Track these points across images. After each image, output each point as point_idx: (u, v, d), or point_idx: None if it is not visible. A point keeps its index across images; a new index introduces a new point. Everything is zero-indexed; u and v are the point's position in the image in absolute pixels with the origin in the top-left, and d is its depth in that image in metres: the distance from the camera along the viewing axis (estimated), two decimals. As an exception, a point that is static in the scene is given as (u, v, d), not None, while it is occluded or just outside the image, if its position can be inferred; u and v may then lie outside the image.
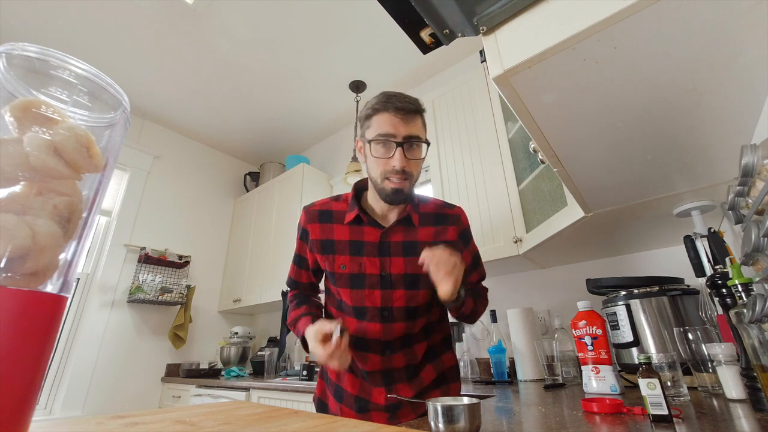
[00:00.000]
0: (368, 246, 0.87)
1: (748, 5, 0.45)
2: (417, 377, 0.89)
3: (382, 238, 0.87)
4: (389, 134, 0.81)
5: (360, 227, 0.89)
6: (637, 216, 1.13)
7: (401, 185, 0.82)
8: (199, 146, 3.38)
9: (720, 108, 0.65)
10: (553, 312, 1.67)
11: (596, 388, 0.97)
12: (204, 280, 3.08)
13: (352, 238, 0.88)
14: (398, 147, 0.80)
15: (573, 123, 0.66)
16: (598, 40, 0.47)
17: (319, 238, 0.90)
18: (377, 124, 0.82)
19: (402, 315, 0.87)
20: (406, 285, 0.87)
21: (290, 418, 0.43)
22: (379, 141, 0.81)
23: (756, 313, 0.55)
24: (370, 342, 0.86)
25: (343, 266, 0.87)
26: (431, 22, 0.56)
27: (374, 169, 0.84)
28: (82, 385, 2.33)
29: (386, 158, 0.81)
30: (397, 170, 0.80)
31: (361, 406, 0.87)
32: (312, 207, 0.94)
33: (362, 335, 0.86)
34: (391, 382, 0.87)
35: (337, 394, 0.92)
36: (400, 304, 0.86)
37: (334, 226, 0.90)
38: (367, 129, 0.85)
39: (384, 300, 0.86)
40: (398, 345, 0.88)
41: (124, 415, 0.44)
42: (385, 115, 0.82)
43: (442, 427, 0.54)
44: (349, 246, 0.88)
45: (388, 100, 0.83)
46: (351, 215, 0.89)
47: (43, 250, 0.29)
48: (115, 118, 0.36)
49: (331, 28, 2.24)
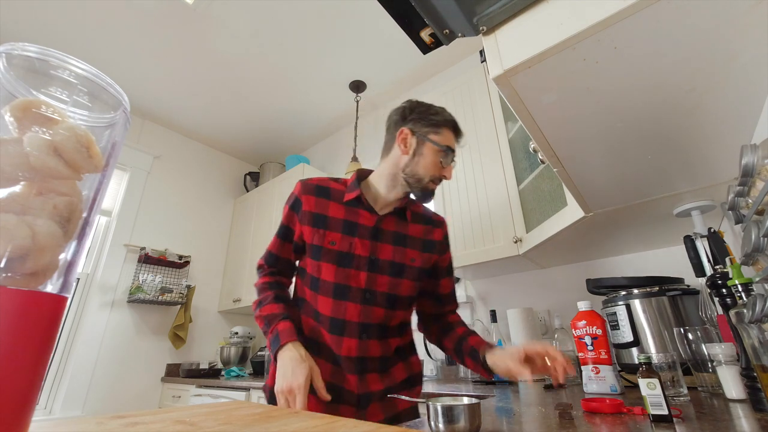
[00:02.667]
0: (361, 228, 0.91)
1: (748, 5, 0.45)
2: (388, 372, 0.90)
3: (376, 224, 0.92)
4: (454, 150, 0.94)
5: (356, 209, 0.93)
6: (637, 216, 1.13)
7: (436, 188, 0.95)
8: (199, 146, 3.38)
9: (720, 108, 0.65)
10: (553, 312, 1.67)
11: (596, 388, 0.97)
12: (204, 280, 3.08)
13: (347, 217, 0.92)
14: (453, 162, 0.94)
15: (573, 123, 0.66)
16: (598, 40, 0.47)
17: (313, 210, 0.92)
18: (447, 137, 0.93)
19: (384, 301, 0.90)
20: (392, 272, 0.91)
21: (290, 418, 0.43)
22: (445, 152, 0.92)
23: (756, 313, 0.55)
24: (348, 324, 0.86)
25: (332, 242, 0.89)
26: (431, 22, 0.56)
27: (426, 169, 0.91)
28: (82, 385, 2.33)
29: (444, 167, 0.92)
30: (445, 179, 0.94)
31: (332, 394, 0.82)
32: (309, 181, 0.96)
33: (341, 317, 0.86)
34: (364, 370, 0.86)
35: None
36: (384, 289, 0.90)
37: (330, 202, 0.93)
38: (434, 133, 0.92)
39: (368, 282, 0.88)
40: (375, 332, 0.89)
41: (124, 415, 0.44)
42: (452, 134, 0.95)
43: (442, 427, 0.54)
44: (342, 224, 0.91)
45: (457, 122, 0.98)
46: (351, 195, 0.93)
47: (43, 250, 0.29)
48: (115, 118, 0.36)
49: (331, 28, 2.24)
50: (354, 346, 0.86)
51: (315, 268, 0.90)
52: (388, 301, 0.90)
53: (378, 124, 2.87)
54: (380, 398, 0.87)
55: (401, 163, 0.92)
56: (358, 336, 0.86)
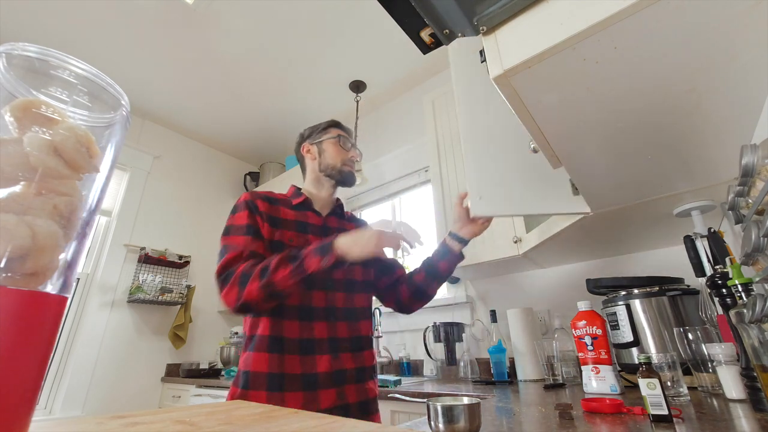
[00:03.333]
0: (312, 227, 1.04)
1: (748, 5, 0.45)
2: (360, 352, 0.98)
3: (323, 222, 1.07)
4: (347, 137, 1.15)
5: (304, 212, 1.06)
6: (637, 216, 1.13)
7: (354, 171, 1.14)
8: (199, 146, 3.38)
9: (720, 108, 0.65)
10: (553, 312, 1.67)
11: (596, 388, 0.97)
12: (204, 280, 3.07)
13: (297, 219, 1.03)
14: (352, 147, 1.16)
15: (573, 123, 0.66)
16: (598, 40, 0.47)
17: (269, 212, 0.99)
18: (336, 131, 1.15)
19: (342, 286, 0.99)
20: None
21: (290, 418, 0.43)
22: (338, 138, 1.13)
23: (756, 313, 0.55)
24: (315, 310, 0.94)
25: (291, 239, 0.98)
26: (431, 22, 0.56)
27: (334, 158, 1.11)
28: (82, 385, 2.33)
29: (347, 150, 1.13)
30: (354, 160, 1.14)
31: (309, 381, 0.87)
32: (254, 191, 1.07)
33: (308, 303, 0.93)
34: (337, 349, 0.93)
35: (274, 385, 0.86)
36: (340, 276, 1.00)
37: (279, 207, 1.02)
38: (324, 134, 1.14)
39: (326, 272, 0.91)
40: (341, 314, 0.97)
41: (124, 415, 0.44)
42: (340, 129, 1.17)
43: (442, 427, 0.54)
44: (295, 224, 1.01)
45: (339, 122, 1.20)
46: (298, 200, 1.06)
47: (43, 250, 0.29)
48: (115, 118, 0.36)
49: (331, 28, 2.24)
50: (324, 328, 0.93)
51: None
52: (346, 286, 1.00)
53: (378, 124, 2.87)
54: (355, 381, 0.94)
55: (316, 167, 1.12)
56: (326, 319, 0.94)
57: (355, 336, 0.98)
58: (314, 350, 0.90)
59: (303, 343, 0.90)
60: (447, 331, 1.81)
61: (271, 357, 0.87)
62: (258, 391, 0.86)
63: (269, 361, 0.87)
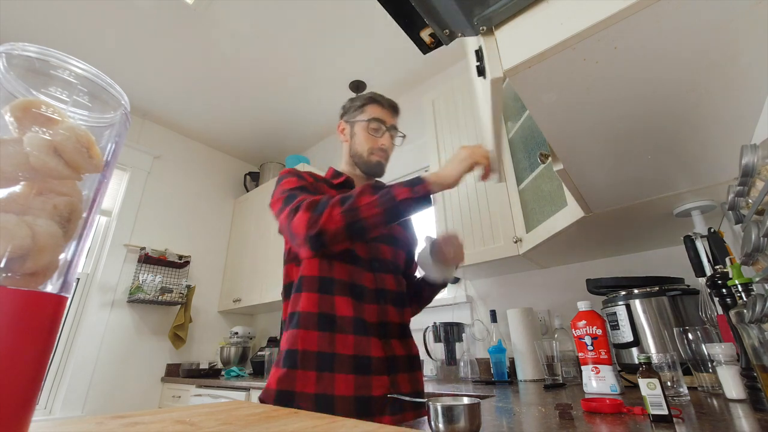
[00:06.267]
0: None
1: (748, 5, 0.45)
2: (407, 339, 0.94)
3: None
4: (382, 120, 1.02)
5: (345, 191, 0.97)
6: (637, 216, 1.13)
7: (383, 161, 1.02)
8: (199, 146, 3.38)
9: (720, 108, 0.65)
10: (553, 312, 1.67)
11: (596, 388, 0.97)
12: (204, 280, 3.08)
13: None
14: (386, 131, 1.02)
15: (573, 123, 0.66)
16: (598, 40, 0.47)
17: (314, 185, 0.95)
18: (372, 111, 1.02)
19: (390, 267, 0.96)
20: (389, 242, 0.99)
21: (290, 418, 0.43)
22: (369, 122, 1.00)
23: (756, 313, 0.55)
24: (365, 289, 0.89)
25: None
26: (431, 22, 0.56)
27: (362, 144, 1.01)
28: (82, 385, 2.33)
29: (376, 137, 1.01)
30: (384, 148, 1.01)
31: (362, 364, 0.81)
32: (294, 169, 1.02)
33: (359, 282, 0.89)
34: (387, 335, 0.89)
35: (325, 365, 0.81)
36: (387, 256, 0.97)
37: (323, 185, 0.99)
38: (360, 113, 1.03)
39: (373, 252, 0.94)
40: (389, 297, 0.93)
41: (124, 415, 0.44)
42: (379, 106, 1.03)
43: (442, 427, 0.54)
44: None
45: (381, 96, 1.05)
46: (339, 180, 1.02)
47: (43, 250, 0.29)
48: (115, 118, 0.36)
49: (331, 28, 2.24)
50: (374, 311, 0.88)
51: None
52: (394, 269, 0.97)
53: (378, 124, 2.87)
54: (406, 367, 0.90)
55: (347, 150, 1.05)
56: (376, 302, 0.90)
57: (403, 323, 0.94)
58: (366, 332, 0.84)
59: (356, 322, 0.84)
60: (447, 331, 1.81)
61: (321, 336, 0.82)
62: (307, 371, 0.79)
63: (319, 340, 0.81)
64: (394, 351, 0.88)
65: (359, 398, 0.79)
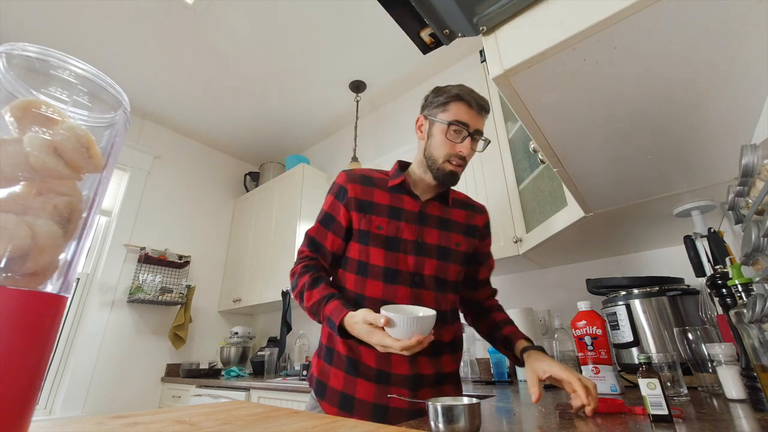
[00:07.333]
0: (406, 213, 0.92)
1: (748, 5, 0.45)
2: (438, 358, 0.87)
3: (420, 209, 0.93)
4: (465, 123, 0.88)
5: (400, 195, 0.94)
6: (637, 216, 1.13)
7: (458, 170, 0.91)
8: (199, 146, 3.38)
9: (720, 108, 0.65)
10: (553, 312, 1.67)
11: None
12: (204, 280, 3.08)
13: (392, 203, 0.93)
14: (468, 136, 0.89)
15: (573, 123, 0.66)
16: (598, 40, 0.47)
17: (359, 197, 0.92)
18: (456, 111, 0.89)
19: (432, 284, 0.89)
20: (439, 255, 0.92)
21: (290, 418, 0.44)
22: (449, 126, 0.88)
23: (756, 313, 0.55)
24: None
25: (379, 227, 0.90)
26: (431, 22, 0.56)
27: (438, 149, 0.90)
28: (82, 385, 2.33)
29: (455, 143, 0.89)
30: (462, 156, 0.89)
31: (382, 376, 0.83)
32: (353, 171, 0.98)
33: (392, 299, 0.85)
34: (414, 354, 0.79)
35: (350, 369, 0.85)
36: (431, 272, 0.90)
37: (374, 189, 0.94)
38: (442, 111, 0.91)
39: (416, 266, 0.89)
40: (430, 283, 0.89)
41: (124, 415, 0.44)
42: (465, 106, 0.89)
43: (442, 427, 0.54)
44: (388, 210, 0.92)
45: (470, 93, 0.91)
46: (396, 181, 0.94)
47: (43, 250, 0.29)
48: (115, 118, 0.36)
49: (331, 28, 2.24)
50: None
51: (363, 254, 0.89)
52: (437, 284, 0.90)
53: (378, 124, 2.87)
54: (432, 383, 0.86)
55: (422, 149, 0.95)
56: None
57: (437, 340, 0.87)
58: None
59: None
60: (447, 331, 1.80)
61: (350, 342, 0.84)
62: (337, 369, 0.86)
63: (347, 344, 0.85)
64: (419, 369, 0.84)
65: (377, 406, 0.82)
